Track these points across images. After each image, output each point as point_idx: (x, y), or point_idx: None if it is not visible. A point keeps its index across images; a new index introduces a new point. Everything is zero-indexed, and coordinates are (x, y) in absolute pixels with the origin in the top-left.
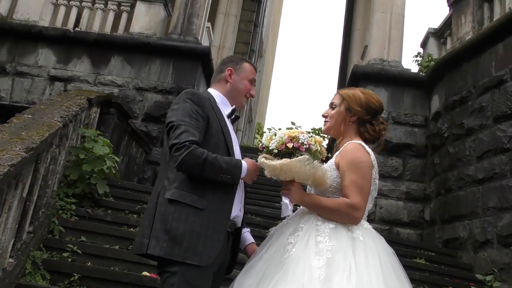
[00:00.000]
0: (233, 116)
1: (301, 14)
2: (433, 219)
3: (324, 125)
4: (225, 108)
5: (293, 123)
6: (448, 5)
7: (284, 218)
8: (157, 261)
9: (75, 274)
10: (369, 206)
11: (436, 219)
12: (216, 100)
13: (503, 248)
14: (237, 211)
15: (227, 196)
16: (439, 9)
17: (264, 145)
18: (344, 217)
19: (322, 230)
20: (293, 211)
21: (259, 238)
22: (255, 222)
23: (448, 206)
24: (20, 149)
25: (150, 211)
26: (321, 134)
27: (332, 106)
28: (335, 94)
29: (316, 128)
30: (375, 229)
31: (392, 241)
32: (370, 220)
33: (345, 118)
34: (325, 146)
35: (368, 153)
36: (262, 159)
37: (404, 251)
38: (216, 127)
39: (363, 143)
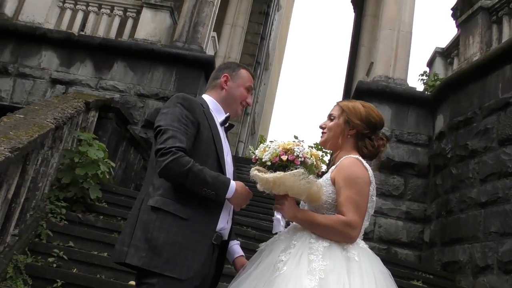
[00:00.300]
0: (227, 124)
1: (309, 29)
2: (432, 240)
3: (321, 137)
4: (219, 116)
5: (296, 137)
6: (456, 26)
7: (276, 233)
8: (136, 271)
9: (58, 280)
10: (366, 224)
11: (436, 241)
12: (210, 107)
13: (503, 275)
14: (224, 223)
15: (214, 207)
16: (447, 29)
17: (257, 157)
18: (339, 235)
19: (316, 248)
20: (285, 226)
21: (254, 252)
22: (250, 235)
23: (449, 229)
24: (5, 148)
25: (132, 218)
26: (324, 150)
27: (330, 117)
28: (335, 106)
29: (319, 144)
30: (373, 248)
31: (390, 261)
32: (368, 239)
33: (344, 131)
34: (326, 161)
35: (365, 168)
36: (254, 171)
37: (402, 272)
38: (207, 134)
39: (360, 158)
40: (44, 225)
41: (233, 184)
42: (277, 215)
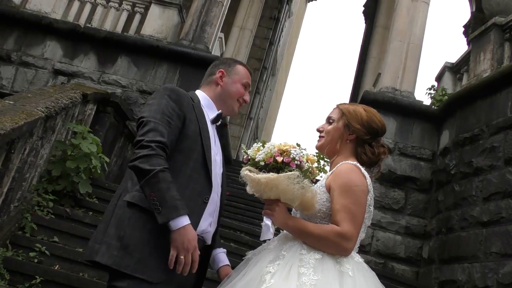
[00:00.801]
0: (219, 122)
1: (319, 37)
2: (431, 257)
3: (318, 140)
4: (210, 112)
5: (298, 145)
6: (468, 43)
7: (264, 241)
8: (106, 271)
9: (37, 277)
10: (362, 236)
11: (434, 258)
12: (201, 102)
13: None
14: (206, 225)
15: (196, 206)
16: (456, 45)
17: (249, 157)
18: (333, 247)
19: (307, 261)
20: (275, 234)
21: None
22: (243, 240)
23: (448, 246)
24: None
25: (108, 213)
26: (326, 160)
27: (329, 120)
28: (334, 108)
29: (321, 155)
30: (370, 261)
31: (386, 276)
32: (365, 252)
33: (342, 135)
34: (327, 171)
35: (363, 176)
36: (245, 171)
37: None
38: (193, 128)
39: (358, 165)
40: (29, 218)
41: (185, 220)
42: (267, 221)
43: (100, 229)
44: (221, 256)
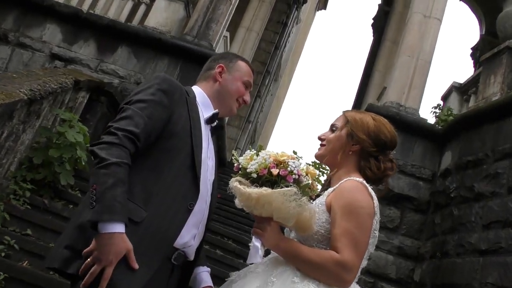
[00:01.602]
0: (214, 123)
1: (325, 47)
2: (423, 281)
3: (318, 149)
4: (205, 111)
5: (295, 152)
6: (474, 63)
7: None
8: (69, 279)
9: (1, 273)
10: (363, 263)
11: (426, 282)
12: (197, 99)
13: None
14: (188, 237)
15: (179, 213)
16: (463, 65)
17: (240, 165)
18: (331, 277)
19: None
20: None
21: (231, 268)
22: (230, 248)
23: (442, 272)
24: None
25: (77, 214)
26: (321, 170)
27: (332, 128)
28: (340, 115)
29: (318, 162)
30: (359, 280)
31: None
32: None
33: (345, 145)
34: (322, 181)
35: (370, 196)
36: (235, 182)
37: None
38: (182, 125)
39: (365, 182)
40: (2, 207)
41: (116, 228)
42: (256, 242)
43: (66, 232)
44: (204, 275)
